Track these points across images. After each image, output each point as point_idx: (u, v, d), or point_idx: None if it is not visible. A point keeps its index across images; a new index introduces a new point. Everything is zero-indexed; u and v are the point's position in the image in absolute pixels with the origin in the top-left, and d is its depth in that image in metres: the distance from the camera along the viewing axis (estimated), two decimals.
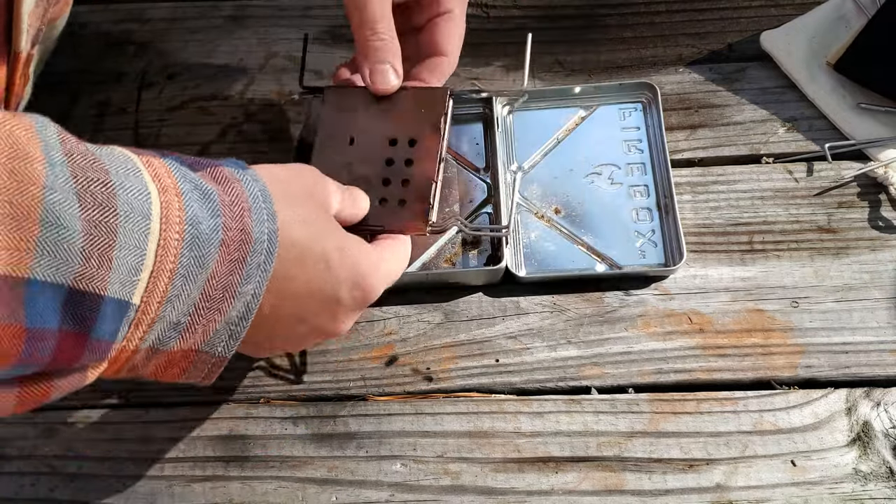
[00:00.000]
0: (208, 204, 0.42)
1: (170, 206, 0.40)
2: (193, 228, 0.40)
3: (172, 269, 0.40)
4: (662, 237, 0.63)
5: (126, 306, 0.39)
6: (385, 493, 0.56)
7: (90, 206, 0.36)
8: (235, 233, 0.42)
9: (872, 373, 0.58)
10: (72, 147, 0.37)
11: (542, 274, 0.62)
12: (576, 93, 0.68)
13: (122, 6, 0.78)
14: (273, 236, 0.44)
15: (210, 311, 0.43)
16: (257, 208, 0.44)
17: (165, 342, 0.42)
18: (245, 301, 0.44)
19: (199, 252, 0.41)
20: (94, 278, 0.37)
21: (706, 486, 0.55)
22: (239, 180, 0.44)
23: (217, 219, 0.42)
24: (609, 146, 0.67)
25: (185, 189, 0.41)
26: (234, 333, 0.45)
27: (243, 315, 0.44)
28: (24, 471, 0.57)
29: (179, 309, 0.41)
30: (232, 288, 0.43)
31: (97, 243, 0.36)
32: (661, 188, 0.65)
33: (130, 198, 0.38)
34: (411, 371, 0.60)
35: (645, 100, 0.68)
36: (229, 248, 0.42)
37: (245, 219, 0.43)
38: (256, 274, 0.44)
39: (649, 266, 0.62)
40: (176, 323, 0.42)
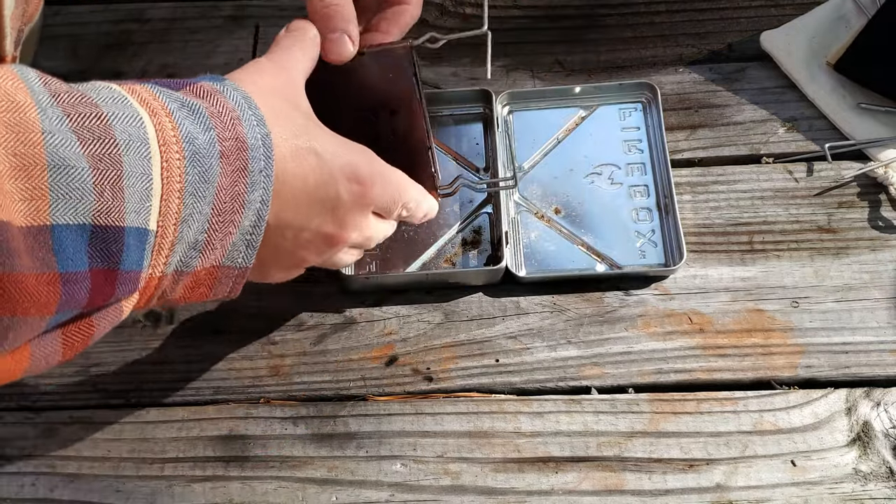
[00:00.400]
0: (198, 118, 0.41)
1: (164, 128, 0.39)
2: (191, 145, 0.40)
3: (180, 188, 0.39)
4: (662, 237, 0.63)
5: (145, 233, 0.38)
6: (385, 493, 0.56)
7: (90, 140, 0.36)
8: (231, 142, 0.42)
9: (872, 373, 0.58)
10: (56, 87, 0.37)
11: (542, 274, 0.62)
12: (576, 93, 0.69)
13: (122, 6, 0.78)
14: (267, 140, 0.44)
15: (224, 224, 0.42)
16: (245, 115, 0.43)
17: (188, 263, 0.42)
18: (255, 209, 0.44)
19: (201, 167, 0.40)
20: (112, 211, 0.37)
21: (706, 486, 0.55)
22: (220, 92, 0.44)
23: (210, 132, 0.41)
24: (609, 146, 0.67)
25: (172, 108, 0.40)
26: (251, 242, 0.45)
27: (255, 223, 0.44)
28: (24, 471, 0.57)
29: (195, 227, 0.41)
30: (240, 197, 0.43)
31: (106, 176, 0.36)
32: (661, 188, 0.65)
33: (126, 126, 0.38)
34: (411, 371, 0.60)
35: (645, 100, 0.68)
36: (229, 159, 0.42)
37: (237, 127, 0.43)
38: (260, 180, 0.43)
39: (649, 266, 0.62)
40: (195, 242, 0.42)
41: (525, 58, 0.72)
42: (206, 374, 0.60)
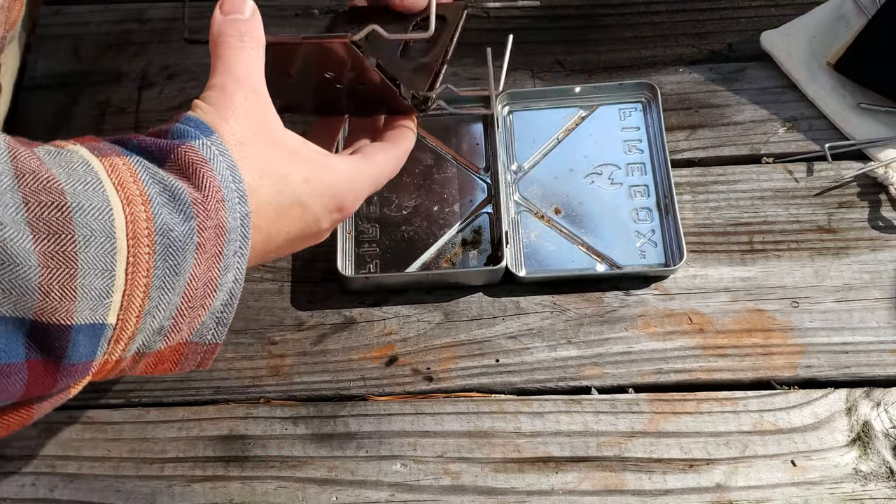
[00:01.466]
0: (179, 206, 0.39)
1: (136, 219, 0.37)
2: (165, 238, 0.38)
3: (147, 283, 0.38)
4: (662, 237, 0.63)
5: (101, 328, 0.37)
6: (385, 493, 0.56)
7: (45, 235, 0.34)
8: (211, 231, 0.40)
9: (872, 373, 0.58)
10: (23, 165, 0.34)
11: (543, 274, 0.62)
12: (576, 93, 0.69)
13: (122, 6, 0.77)
14: (246, 220, 0.42)
15: (194, 310, 0.41)
16: (229, 195, 0.41)
17: (151, 346, 0.41)
18: (227, 289, 0.42)
19: (173, 260, 0.38)
20: (57, 311, 0.35)
21: (706, 486, 0.55)
22: (208, 162, 0.41)
23: (191, 222, 0.39)
24: (609, 146, 0.67)
25: (152, 194, 0.38)
26: (222, 320, 0.43)
27: (227, 302, 0.43)
28: (24, 471, 0.57)
29: (160, 316, 0.39)
30: (213, 283, 0.41)
31: (56, 275, 0.34)
32: (661, 188, 0.65)
33: (90, 219, 0.36)
34: (411, 371, 0.60)
35: (645, 100, 0.68)
36: (205, 248, 0.40)
37: (220, 213, 0.41)
38: (234, 261, 0.42)
39: (649, 266, 0.62)
40: (159, 328, 0.40)
41: (525, 58, 0.72)
42: (206, 374, 0.60)
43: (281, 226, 0.46)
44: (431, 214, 0.65)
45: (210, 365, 0.46)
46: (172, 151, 0.41)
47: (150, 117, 0.71)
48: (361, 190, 0.51)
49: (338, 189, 0.48)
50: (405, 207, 0.65)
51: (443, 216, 0.65)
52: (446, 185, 0.66)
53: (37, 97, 0.57)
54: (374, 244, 0.64)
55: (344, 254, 0.63)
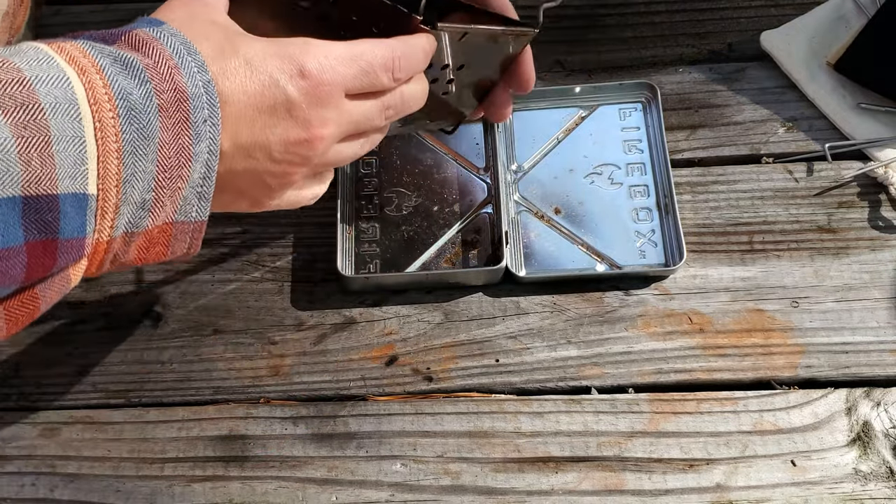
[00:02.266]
0: (133, 72, 0.39)
1: (94, 86, 0.37)
2: (125, 101, 0.38)
3: (118, 147, 0.38)
4: (662, 237, 0.63)
5: (84, 198, 0.37)
6: (385, 493, 0.56)
7: (12, 108, 0.35)
8: (170, 94, 0.40)
9: (872, 373, 0.58)
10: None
11: (542, 274, 0.62)
12: (576, 93, 0.69)
13: (122, 6, 0.77)
14: (209, 86, 0.41)
15: (172, 180, 0.41)
16: (184, 63, 0.41)
17: (138, 224, 0.41)
18: (203, 160, 0.42)
19: (139, 123, 0.39)
20: (42, 179, 0.35)
21: (706, 486, 0.55)
22: (157, 39, 0.41)
23: (147, 85, 0.39)
24: (609, 146, 0.67)
25: (104, 64, 0.38)
26: (203, 194, 0.43)
27: (205, 175, 0.42)
28: (24, 471, 0.57)
29: (140, 187, 0.39)
30: (186, 150, 0.41)
31: (32, 143, 0.35)
32: (661, 188, 0.65)
33: (51, 88, 0.36)
34: (411, 371, 0.60)
35: (645, 99, 0.68)
36: (169, 111, 0.40)
37: (176, 77, 0.40)
38: (206, 130, 0.41)
39: (649, 266, 0.62)
40: (142, 202, 0.40)
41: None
42: (206, 374, 0.60)
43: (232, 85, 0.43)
44: (431, 214, 0.65)
45: (198, 248, 0.45)
46: (121, 35, 0.41)
47: None
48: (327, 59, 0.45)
49: (288, 50, 0.45)
50: (405, 207, 0.65)
51: (443, 216, 0.65)
52: (446, 185, 0.66)
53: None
54: (373, 244, 0.64)
55: (344, 253, 0.63)
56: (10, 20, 0.52)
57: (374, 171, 0.67)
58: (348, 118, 0.46)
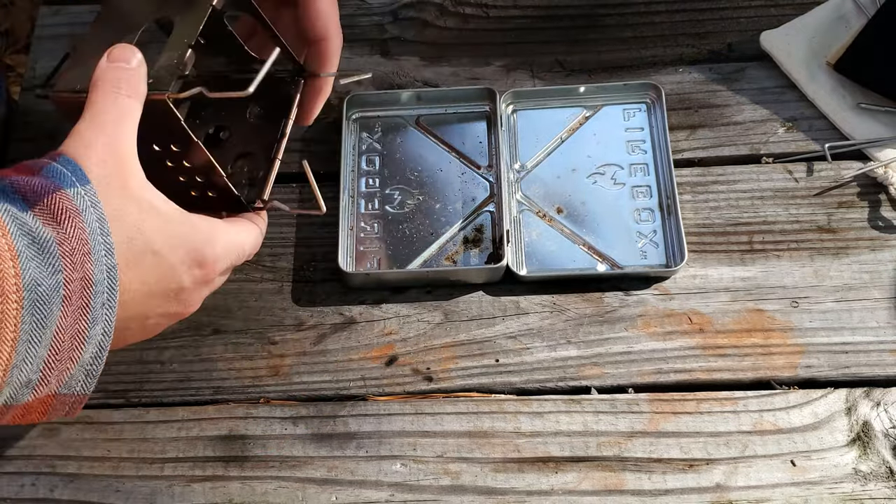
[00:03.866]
0: (47, 259, 0.40)
1: (4, 276, 0.38)
2: (32, 293, 0.38)
3: (14, 337, 0.38)
4: (664, 238, 0.63)
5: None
6: (385, 493, 0.56)
7: None
8: (77, 283, 0.41)
9: (872, 373, 0.58)
10: None
11: (543, 273, 0.62)
12: (580, 92, 0.69)
13: None
14: (112, 272, 0.43)
15: (61, 362, 0.41)
16: (96, 248, 0.42)
17: (18, 398, 0.41)
18: (96, 342, 0.43)
19: (40, 314, 0.39)
20: None
21: (706, 486, 0.55)
22: (79, 211, 0.41)
23: (58, 275, 0.40)
24: (612, 146, 0.67)
25: (20, 247, 0.39)
26: (91, 372, 0.44)
27: (96, 355, 0.43)
28: (24, 471, 0.57)
29: (27, 370, 0.40)
30: (80, 335, 0.41)
31: None
32: (663, 189, 0.65)
33: None
34: (411, 371, 0.60)
35: (649, 100, 0.68)
36: (71, 300, 0.40)
37: (86, 265, 0.41)
38: (102, 314, 0.42)
39: (650, 267, 0.62)
40: (27, 381, 0.40)
41: (525, 58, 0.72)
42: (206, 374, 0.60)
43: (136, 274, 0.45)
44: (433, 212, 0.65)
45: (77, 413, 0.46)
46: (46, 196, 0.41)
47: None
48: (223, 250, 0.49)
49: (195, 242, 0.48)
50: (407, 205, 0.66)
51: (444, 214, 0.65)
52: (448, 182, 0.66)
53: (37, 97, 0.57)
54: (375, 241, 0.64)
55: (345, 250, 0.63)
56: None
57: (376, 169, 0.67)
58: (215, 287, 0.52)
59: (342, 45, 0.57)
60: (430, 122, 0.69)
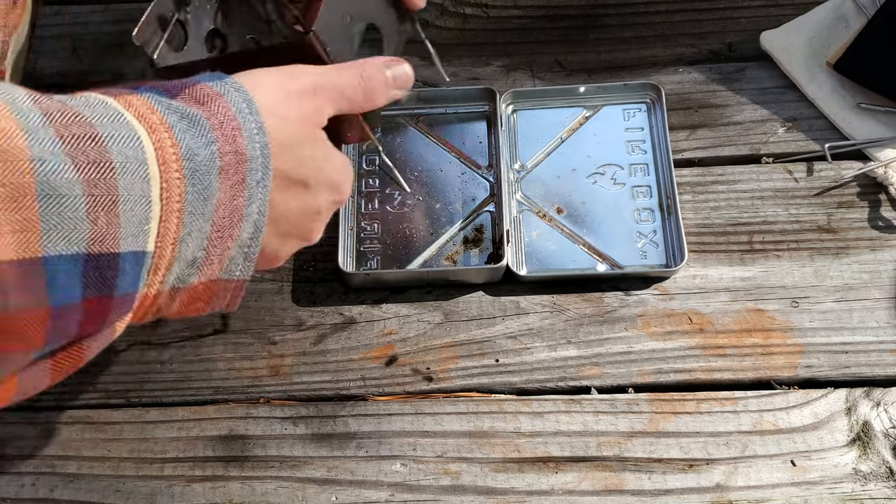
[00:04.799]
0: (199, 130, 0.40)
1: (163, 145, 0.38)
2: (191, 162, 0.39)
3: (179, 208, 0.38)
4: (664, 238, 0.63)
5: (142, 256, 0.37)
6: (385, 493, 0.56)
7: (85, 165, 0.34)
8: (231, 156, 0.41)
9: (872, 373, 0.58)
10: (48, 105, 0.35)
11: (543, 273, 0.62)
12: (580, 92, 0.69)
13: (122, 6, 0.77)
14: (265, 150, 0.43)
15: (223, 240, 0.42)
16: (246, 124, 0.42)
17: (185, 279, 0.41)
18: (252, 220, 0.43)
19: (201, 185, 0.39)
20: (106, 238, 0.35)
21: (706, 486, 0.55)
22: (222, 95, 0.42)
23: (212, 146, 0.40)
24: (612, 146, 0.67)
25: (172, 122, 0.39)
26: (249, 255, 0.44)
27: (253, 235, 0.43)
28: (24, 471, 0.57)
29: (193, 245, 0.40)
30: (238, 211, 0.42)
31: (101, 203, 0.35)
32: (663, 189, 0.65)
33: (122, 147, 0.36)
34: (411, 371, 0.60)
35: (649, 100, 0.68)
36: (228, 173, 0.41)
37: (238, 139, 0.41)
38: (258, 191, 0.42)
39: (650, 267, 0.62)
40: (193, 259, 0.41)
41: (525, 58, 0.72)
42: (206, 374, 0.60)
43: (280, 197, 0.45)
44: (433, 212, 0.65)
45: (236, 305, 0.46)
46: (185, 87, 0.41)
47: None
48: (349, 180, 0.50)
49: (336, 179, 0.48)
50: (407, 205, 0.66)
51: (444, 214, 0.65)
52: (448, 182, 0.66)
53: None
54: (375, 241, 0.64)
55: (345, 250, 0.63)
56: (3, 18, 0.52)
57: (376, 169, 0.67)
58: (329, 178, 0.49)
59: None
60: (430, 121, 0.69)
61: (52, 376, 0.38)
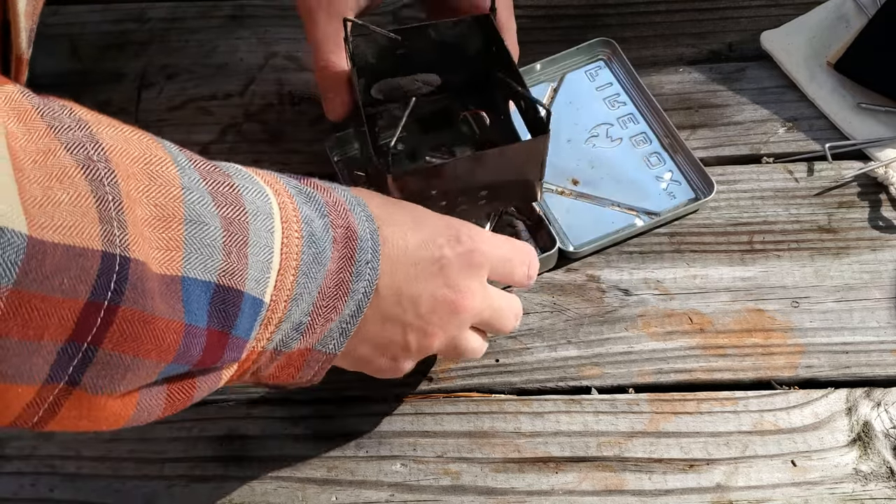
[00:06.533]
0: (315, 205, 0.43)
1: (286, 206, 0.41)
2: (308, 227, 0.42)
3: (296, 266, 0.41)
4: (683, 174, 0.64)
5: (259, 304, 0.40)
6: (385, 493, 0.56)
7: (223, 204, 0.38)
8: (342, 230, 0.44)
9: (873, 373, 0.58)
10: (191, 154, 0.39)
11: (593, 244, 0.62)
12: (538, 70, 0.70)
13: (122, 6, 0.77)
14: (374, 234, 0.45)
15: (327, 310, 0.43)
16: (355, 210, 0.45)
17: (288, 344, 0.43)
18: (357, 299, 0.45)
19: (316, 249, 0.42)
20: (235, 273, 0.38)
21: (706, 486, 0.55)
22: (332, 188, 0.46)
23: (325, 218, 0.43)
24: (592, 108, 0.68)
25: (293, 192, 0.43)
26: (345, 331, 0.45)
27: (354, 313, 0.45)
28: (24, 471, 0.57)
29: (302, 308, 0.42)
30: (345, 285, 0.44)
31: (234, 239, 0.38)
32: (659, 131, 0.66)
33: (254, 198, 0.40)
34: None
35: (605, 56, 0.70)
36: (339, 246, 0.43)
37: (349, 217, 0.44)
38: (366, 271, 0.44)
39: (683, 204, 0.63)
40: (298, 323, 0.43)
41: (525, 58, 0.72)
42: None
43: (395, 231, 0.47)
44: None
45: (319, 380, 0.47)
46: (301, 178, 0.45)
47: (150, 117, 0.71)
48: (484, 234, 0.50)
49: (455, 222, 0.50)
50: None
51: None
52: None
53: None
54: None
55: None
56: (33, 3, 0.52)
57: None
58: (489, 301, 0.50)
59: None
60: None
61: (165, 406, 0.40)
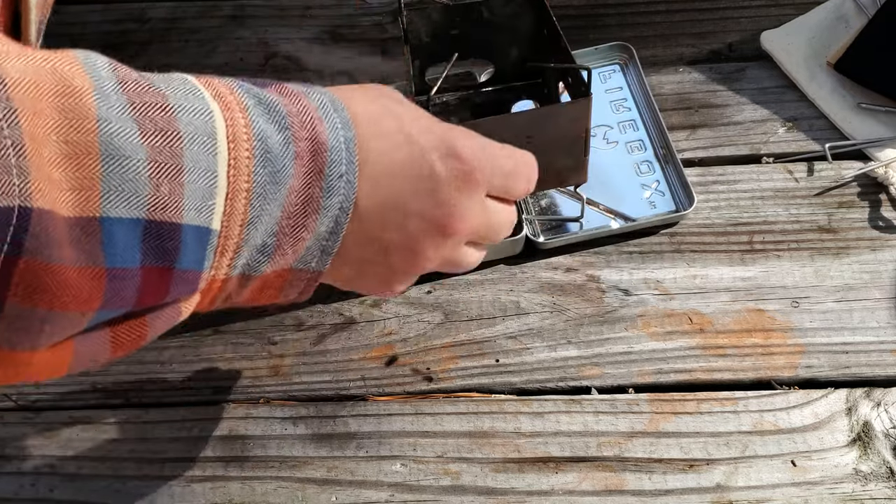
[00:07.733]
0: (274, 116, 0.39)
1: (235, 123, 0.38)
2: (263, 144, 0.38)
3: (248, 188, 0.38)
4: (668, 186, 0.65)
5: (206, 232, 0.37)
6: (385, 493, 0.56)
7: (151, 132, 0.34)
8: (306, 143, 0.40)
9: (872, 373, 0.58)
10: (125, 74, 0.35)
11: (562, 239, 0.63)
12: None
13: (122, 6, 0.77)
14: (350, 143, 0.41)
15: (295, 229, 0.41)
16: (329, 117, 0.41)
17: (256, 267, 0.40)
18: (332, 215, 0.42)
19: (272, 168, 0.39)
20: (168, 206, 0.35)
21: (706, 486, 0.55)
22: (305, 94, 0.41)
23: (286, 132, 0.39)
24: (597, 108, 0.67)
25: (248, 104, 0.39)
26: (327, 248, 0.43)
27: (333, 230, 0.42)
28: (24, 471, 0.57)
29: (263, 230, 0.39)
30: (314, 202, 0.41)
31: (164, 169, 0.35)
32: (656, 140, 0.66)
33: (193, 118, 0.36)
34: (411, 371, 0.60)
35: (622, 61, 0.70)
36: (302, 161, 0.40)
37: (317, 128, 0.40)
38: (340, 185, 0.41)
39: (661, 215, 0.63)
40: (263, 245, 0.40)
41: None
42: (206, 374, 0.60)
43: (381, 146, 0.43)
44: None
45: (308, 296, 0.45)
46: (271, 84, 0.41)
47: None
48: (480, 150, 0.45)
49: (451, 134, 0.45)
50: None
51: None
52: None
53: None
54: None
55: None
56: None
57: None
58: (485, 219, 0.46)
59: None
60: None
61: (113, 349, 0.38)
